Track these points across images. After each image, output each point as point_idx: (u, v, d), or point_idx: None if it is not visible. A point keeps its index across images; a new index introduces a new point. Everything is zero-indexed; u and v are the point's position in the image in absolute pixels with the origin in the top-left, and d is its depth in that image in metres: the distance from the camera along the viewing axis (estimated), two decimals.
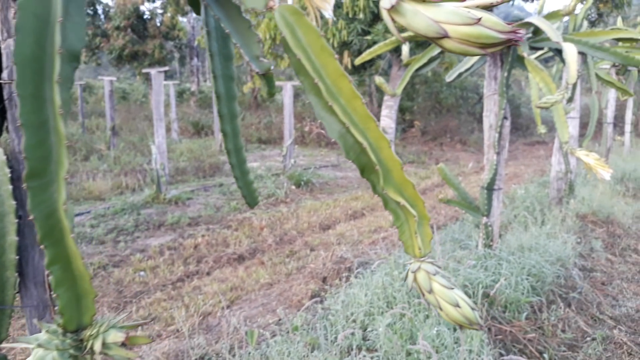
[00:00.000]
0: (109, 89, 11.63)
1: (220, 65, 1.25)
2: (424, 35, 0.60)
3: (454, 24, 0.58)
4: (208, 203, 8.18)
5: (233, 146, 1.33)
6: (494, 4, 0.60)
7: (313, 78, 0.86)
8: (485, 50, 0.58)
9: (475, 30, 0.57)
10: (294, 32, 0.89)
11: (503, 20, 0.70)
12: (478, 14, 0.58)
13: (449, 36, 0.58)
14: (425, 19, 0.59)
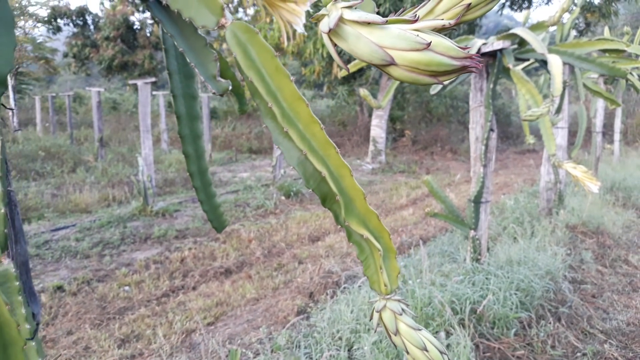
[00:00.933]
0: (97, 100, 11.52)
1: (180, 84, 1.18)
2: (368, 61, 0.54)
3: (401, 50, 0.51)
4: (196, 215, 8.08)
5: (197, 168, 1.26)
6: (446, 27, 0.53)
7: (267, 102, 0.79)
8: (437, 78, 0.52)
9: (424, 56, 0.51)
10: (247, 51, 0.83)
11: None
12: (428, 38, 0.51)
13: (396, 63, 0.52)
14: (369, 44, 0.53)
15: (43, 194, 9.05)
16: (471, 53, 0.49)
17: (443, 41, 0.51)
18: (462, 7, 0.65)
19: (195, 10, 0.86)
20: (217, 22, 0.85)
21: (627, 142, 16.21)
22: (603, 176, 8.68)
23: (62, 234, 6.93)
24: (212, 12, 0.85)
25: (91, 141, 15.11)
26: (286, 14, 1.34)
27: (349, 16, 0.55)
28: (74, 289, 5.13)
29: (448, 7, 0.66)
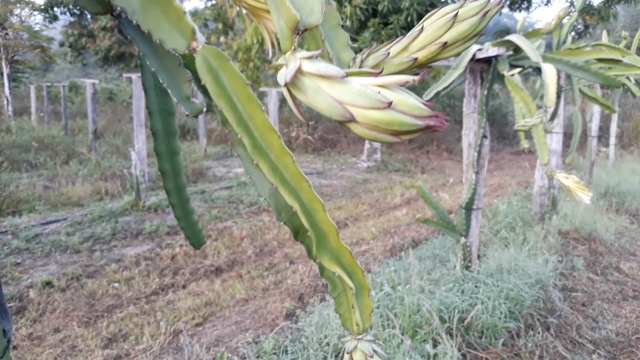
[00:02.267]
0: (92, 91, 11.44)
1: (156, 99, 1.14)
2: (328, 116, 0.51)
3: (361, 107, 0.48)
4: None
5: (174, 185, 1.22)
6: (409, 83, 0.50)
7: (237, 133, 0.76)
8: (399, 137, 0.49)
9: (386, 115, 0.47)
10: (218, 78, 0.79)
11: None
12: (390, 96, 0.48)
13: (356, 121, 0.49)
14: (328, 99, 0.50)
15: (35, 186, 8.99)
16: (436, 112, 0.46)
17: (406, 99, 0.48)
18: (437, 46, 0.62)
19: (166, 32, 0.83)
20: (187, 45, 0.81)
21: (622, 146, 16.23)
22: (597, 181, 8.68)
23: (52, 228, 6.88)
24: (182, 35, 0.81)
25: (85, 133, 15.02)
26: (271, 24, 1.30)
27: (307, 68, 0.51)
28: (63, 285, 5.09)
29: (423, 45, 0.62)
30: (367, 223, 7.56)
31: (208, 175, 11.43)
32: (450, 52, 0.63)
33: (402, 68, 0.63)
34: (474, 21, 0.61)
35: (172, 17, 0.82)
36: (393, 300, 3.38)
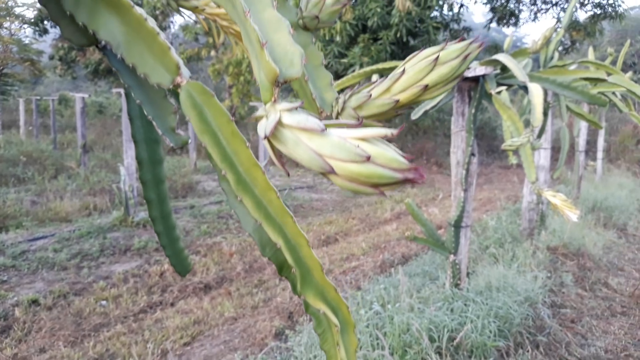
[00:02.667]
0: (81, 105, 11.40)
1: (141, 128, 1.14)
2: (308, 167, 0.51)
3: (340, 160, 0.48)
4: (178, 226, 7.95)
5: (159, 213, 1.22)
6: (388, 137, 0.50)
7: (221, 169, 0.76)
8: (378, 189, 0.49)
9: (364, 168, 0.48)
10: (202, 114, 0.79)
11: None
12: (368, 149, 0.48)
13: (336, 173, 0.49)
14: (308, 151, 0.50)
15: (22, 201, 8.90)
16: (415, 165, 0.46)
17: (385, 152, 0.49)
18: (419, 88, 0.62)
19: (151, 66, 0.83)
20: (172, 80, 0.81)
21: (610, 160, 16.38)
22: (585, 195, 8.74)
23: (40, 244, 6.81)
24: (167, 70, 0.81)
25: (74, 146, 14.93)
26: None
27: (287, 120, 0.52)
28: (50, 303, 5.02)
29: (405, 87, 0.63)
30: (358, 238, 7.56)
31: (197, 189, 11.39)
32: (431, 94, 0.63)
33: (384, 109, 0.64)
34: (455, 64, 0.62)
35: (157, 52, 0.82)
36: (382, 319, 3.37)
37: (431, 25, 11.69)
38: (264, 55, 0.51)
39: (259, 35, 0.51)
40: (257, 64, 0.54)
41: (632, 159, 16.48)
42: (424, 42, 12.05)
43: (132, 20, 0.83)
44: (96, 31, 0.86)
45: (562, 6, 15.79)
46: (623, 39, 32.47)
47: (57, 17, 0.95)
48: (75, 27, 0.94)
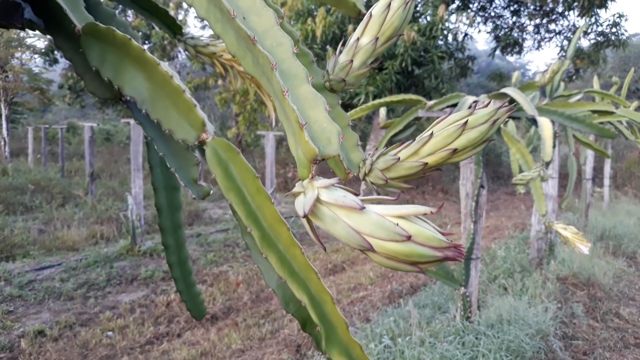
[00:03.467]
0: (90, 134, 11.50)
1: (161, 176, 1.15)
2: (345, 243, 0.51)
3: (380, 239, 0.49)
4: None
5: (177, 259, 1.22)
6: (427, 214, 0.51)
7: (246, 227, 0.76)
8: (417, 267, 0.49)
9: (404, 247, 0.48)
10: (228, 171, 0.80)
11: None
12: (408, 228, 0.48)
13: (375, 251, 0.49)
14: (346, 228, 0.50)
15: (30, 230, 8.91)
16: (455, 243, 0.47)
17: (424, 231, 0.49)
18: (448, 152, 0.63)
19: (176, 122, 0.84)
20: (197, 136, 0.83)
21: (616, 186, 16.32)
22: (593, 223, 8.69)
23: (46, 274, 6.80)
24: (192, 126, 0.83)
25: (82, 175, 15.01)
26: None
27: (325, 198, 0.52)
28: (56, 334, 4.99)
29: (433, 151, 0.64)
30: (365, 267, 7.51)
31: (204, 217, 11.39)
32: (459, 157, 0.64)
33: (412, 172, 0.64)
34: (484, 129, 0.62)
35: (182, 109, 0.83)
36: (393, 353, 3.33)
37: (436, 55, 11.79)
38: (303, 136, 0.52)
39: (298, 116, 0.52)
40: (294, 140, 0.55)
41: (639, 185, 16.41)
42: (428, 72, 12.14)
43: (157, 77, 0.84)
44: (122, 87, 0.87)
45: (565, 34, 15.93)
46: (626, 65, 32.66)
47: (82, 71, 0.97)
48: (100, 81, 0.96)
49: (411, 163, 0.63)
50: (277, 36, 0.55)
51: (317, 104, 0.55)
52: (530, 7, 16.00)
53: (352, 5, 1.27)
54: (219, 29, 0.60)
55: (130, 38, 0.84)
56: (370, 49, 0.68)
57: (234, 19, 0.55)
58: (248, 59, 0.59)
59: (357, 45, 0.68)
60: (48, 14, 1.00)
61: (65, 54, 0.98)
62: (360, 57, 0.68)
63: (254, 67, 0.58)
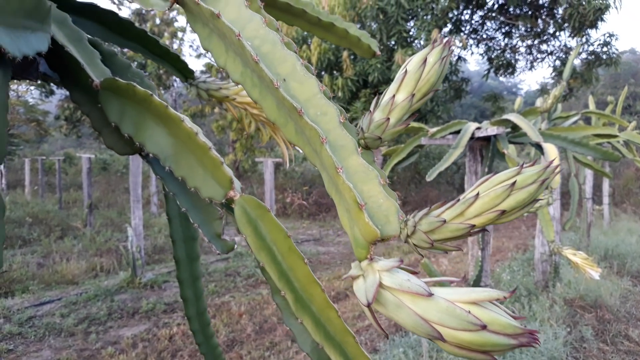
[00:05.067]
0: (87, 166, 11.48)
1: (180, 227, 1.12)
2: (412, 331, 0.48)
3: (451, 328, 0.46)
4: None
5: (195, 311, 1.18)
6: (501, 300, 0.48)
7: (280, 290, 0.73)
8: (490, 355, 0.46)
9: (478, 337, 0.45)
10: (257, 229, 0.77)
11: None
12: (481, 315, 0.46)
13: (444, 340, 0.46)
14: (412, 315, 0.47)
15: (29, 264, 8.81)
16: (529, 328, 0.44)
17: (498, 318, 0.46)
18: (496, 214, 0.60)
19: (202, 180, 0.81)
20: (224, 194, 0.80)
21: (615, 204, 16.32)
22: (595, 243, 8.65)
23: (46, 309, 6.69)
24: (220, 184, 0.80)
25: (80, 205, 14.94)
26: None
27: (388, 282, 0.50)
28: None
29: (480, 212, 0.61)
30: None
31: (204, 246, 11.28)
32: (507, 218, 0.62)
33: (457, 234, 0.62)
34: (532, 189, 0.60)
35: (208, 166, 0.81)
36: None
37: None
38: (362, 217, 0.49)
39: (356, 196, 0.49)
40: (348, 217, 0.53)
41: (637, 202, 16.42)
42: None
43: (181, 134, 0.82)
44: (143, 144, 0.85)
45: (557, 55, 16.10)
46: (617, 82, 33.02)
47: (99, 126, 0.95)
48: (119, 136, 0.93)
49: (457, 225, 0.61)
50: (321, 105, 0.53)
51: (369, 177, 0.53)
52: (522, 29, 16.20)
53: (367, 48, 1.26)
54: (257, 94, 0.58)
55: (152, 94, 0.82)
56: (407, 105, 0.66)
57: (277, 89, 0.53)
58: (290, 127, 0.57)
59: (393, 103, 0.66)
60: (64, 68, 0.98)
61: (82, 108, 0.96)
62: (397, 115, 0.66)
63: (296, 136, 0.56)
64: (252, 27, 0.58)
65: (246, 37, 0.56)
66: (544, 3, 15.34)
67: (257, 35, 0.57)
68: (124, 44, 1.21)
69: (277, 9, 1.19)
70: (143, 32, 1.22)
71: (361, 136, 0.67)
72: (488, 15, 16.27)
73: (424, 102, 0.67)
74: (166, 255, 10.22)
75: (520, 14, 15.63)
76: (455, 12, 15.12)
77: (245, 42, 0.55)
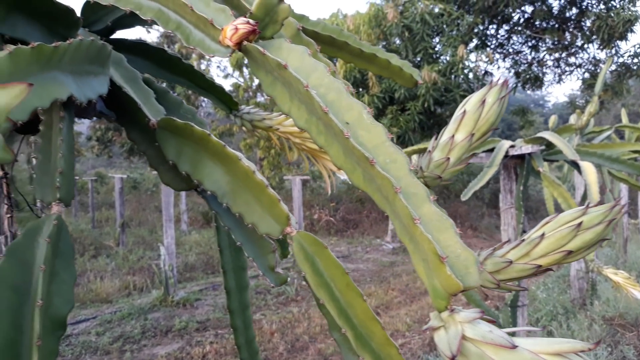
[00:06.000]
0: (120, 186, 11.72)
1: (230, 258, 1.14)
2: None
3: None
4: (217, 304, 7.92)
5: (244, 340, 1.20)
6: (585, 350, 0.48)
7: (340, 328, 0.74)
8: None
9: None
10: (315, 265, 0.78)
11: None
12: None
13: None
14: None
15: None
16: None
17: None
18: (562, 254, 0.61)
19: (259, 217, 0.83)
20: (281, 230, 0.82)
21: None
22: (633, 258, 8.42)
23: (82, 328, 6.81)
24: (277, 220, 0.82)
25: (112, 224, 15.21)
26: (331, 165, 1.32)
27: (471, 334, 0.50)
28: None
29: (546, 252, 0.61)
30: (400, 311, 7.36)
31: None
32: (574, 258, 0.62)
33: (523, 275, 0.62)
34: (599, 230, 0.60)
35: (265, 203, 0.83)
36: None
37: (458, 94, 11.84)
38: (444, 270, 0.50)
39: (436, 248, 0.50)
40: (426, 268, 0.53)
41: None
42: (452, 111, 12.17)
43: (238, 172, 0.84)
44: (201, 181, 0.88)
45: (586, 67, 15.87)
46: None
47: (156, 163, 0.98)
48: (175, 173, 0.96)
49: (523, 266, 0.61)
50: (390, 152, 0.54)
51: (445, 226, 0.54)
52: (549, 42, 16.03)
53: (409, 77, 1.27)
54: (322, 141, 0.60)
55: (210, 134, 0.85)
56: (466, 145, 0.67)
57: (348, 139, 0.54)
58: (358, 174, 0.58)
59: (453, 142, 0.67)
60: (120, 107, 1.02)
61: (139, 146, 0.99)
62: (456, 154, 0.67)
63: (364, 182, 0.57)
64: (316, 76, 0.60)
65: (311, 85, 0.58)
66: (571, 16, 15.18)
67: (322, 83, 0.59)
68: (172, 79, 1.25)
69: (320, 42, 1.22)
70: (190, 66, 1.26)
71: (420, 175, 0.68)
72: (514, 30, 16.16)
73: (482, 141, 0.68)
74: (197, 274, 10.31)
75: (546, 27, 15.48)
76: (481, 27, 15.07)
77: (314, 93, 0.57)
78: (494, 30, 15.98)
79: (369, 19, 12.02)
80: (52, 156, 0.79)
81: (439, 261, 0.50)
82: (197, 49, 0.72)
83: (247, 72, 18.56)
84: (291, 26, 0.93)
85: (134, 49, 1.16)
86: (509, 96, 0.70)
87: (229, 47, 0.69)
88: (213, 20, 0.68)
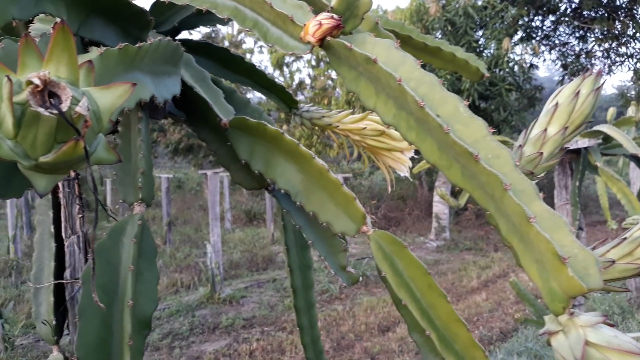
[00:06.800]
0: (166, 185, 11.98)
1: (297, 256, 1.14)
2: None
3: None
4: (262, 301, 7.99)
5: (310, 339, 1.19)
6: None
7: (424, 330, 0.72)
8: None
9: None
10: (394, 265, 0.76)
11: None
12: None
13: None
14: None
15: None
16: None
17: None
18: None
19: (333, 215, 0.82)
20: (357, 229, 0.80)
21: None
22: None
23: None
24: (352, 219, 0.80)
25: (158, 222, 15.56)
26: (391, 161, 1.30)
27: (594, 339, 0.48)
28: None
29: None
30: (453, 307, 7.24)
31: (277, 261, 11.44)
32: None
33: (625, 275, 0.59)
34: None
35: (341, 202, 0.81)
36: None
37: (503, 87, 11.58)
38: (565, 271, 0.48)
39: (556, 249, 0.48)
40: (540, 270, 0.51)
41: None
42: (496, 105, 11.93)
43: (312, 171, 0.83)
44: (275, 180, 0.87)
45: (638, 57, 15.27)
46: None
47: (227, 162, 0.98)
48: (247, 172, 0.96)
49: (626, 265, 0.58)
50: (492, 147, 0.52)
51: (558, 224, 0.51)
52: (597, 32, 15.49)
53: (476, 70, 1.24)
54: (413, 137, 0.58)
55: (283, 132, 0.84)
56: (559, 139, 0.64)
57: (448, 134, 0.52)
58: (455, 171, 0.56)
59: (545, 136, 0.64)
60: (190, 107, 1.02)
61: (210, 145, 1.00)
62: (549, 148, 0.64)
63: (463, 179, 0.55)
64: (405, 69, 0.58)
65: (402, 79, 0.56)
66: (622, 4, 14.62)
67: (412, 77, 0.57)
68: (234, 78, 1.25)
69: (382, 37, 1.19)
70: (252, 65, 1.26)
71: None
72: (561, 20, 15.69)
73: (576, 134, 0.64)
74: (242, 271, 10.43)
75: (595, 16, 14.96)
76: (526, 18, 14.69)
77: (407, 87, 0.55)
78: (540, 21, 15.55)
79: (410, 14, 11.89)
80: (133, 157, 0.80)
81: (560, 262, 0.47)
82: (275, 46, 0.72)
83: (287, 71, 18.66)
84: (369, 20, 0.91)
85: (199, 49, 1.17)
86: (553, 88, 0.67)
87: (309, 43, 0.67)
88: (293, 17, 0.67)
